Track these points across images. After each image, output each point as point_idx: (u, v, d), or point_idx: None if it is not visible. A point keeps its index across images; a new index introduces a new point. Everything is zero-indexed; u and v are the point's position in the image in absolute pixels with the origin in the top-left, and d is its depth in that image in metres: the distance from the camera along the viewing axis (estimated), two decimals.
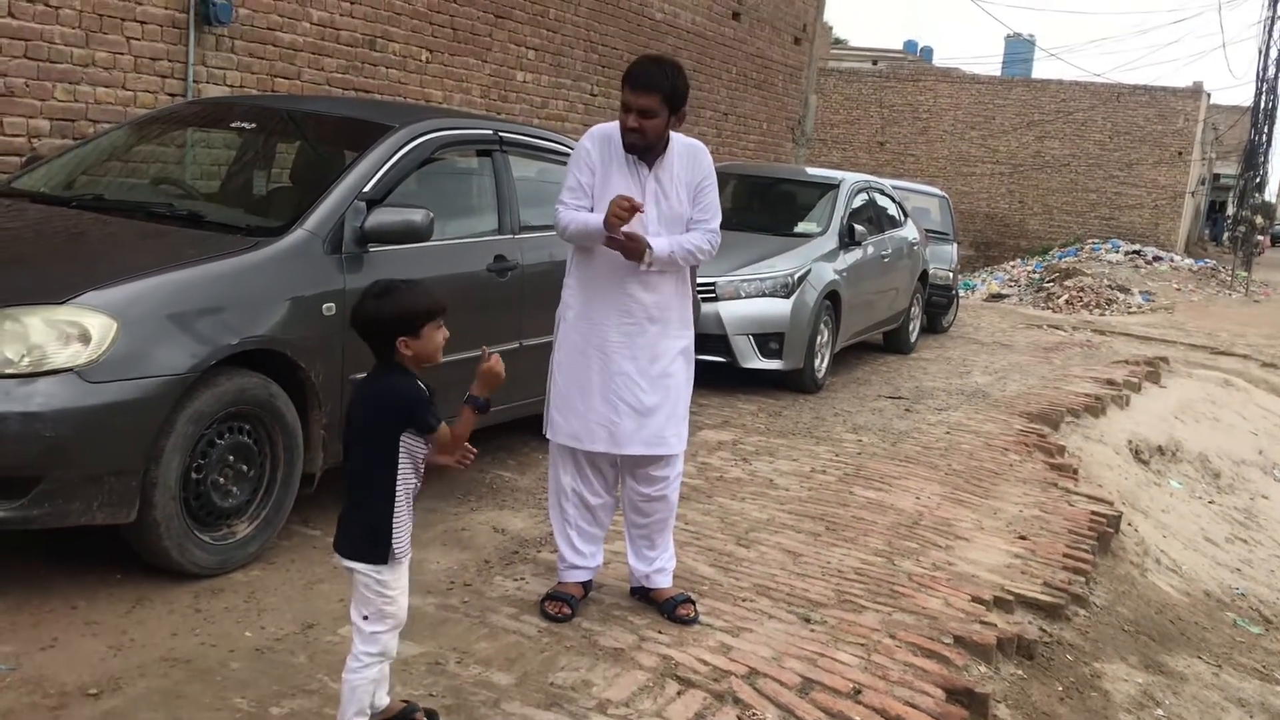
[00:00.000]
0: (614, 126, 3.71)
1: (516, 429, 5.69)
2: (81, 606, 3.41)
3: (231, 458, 3.74)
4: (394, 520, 2.66)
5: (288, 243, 4.00)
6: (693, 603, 3.84)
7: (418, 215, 4.21)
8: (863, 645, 3.74)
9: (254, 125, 5.06)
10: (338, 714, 2.74)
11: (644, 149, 3.63)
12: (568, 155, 5.67)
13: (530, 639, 3.51)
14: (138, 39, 6.74)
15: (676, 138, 3.72)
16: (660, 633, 3.66)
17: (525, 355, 5.07)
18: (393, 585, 2.69)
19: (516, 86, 10.15)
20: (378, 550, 2.66)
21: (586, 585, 3.88)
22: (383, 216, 4.20)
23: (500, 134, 5.22)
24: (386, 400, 2.67)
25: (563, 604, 3.73)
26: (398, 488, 2.67)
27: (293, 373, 3.93)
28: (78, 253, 3.94)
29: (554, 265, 5.26)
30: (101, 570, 3.65)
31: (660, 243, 3.62)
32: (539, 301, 5.10)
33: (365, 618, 2.69)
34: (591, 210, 3.66)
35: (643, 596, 3.89)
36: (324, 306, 4.00)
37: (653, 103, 3.53)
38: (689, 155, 3.73)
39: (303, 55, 7.85)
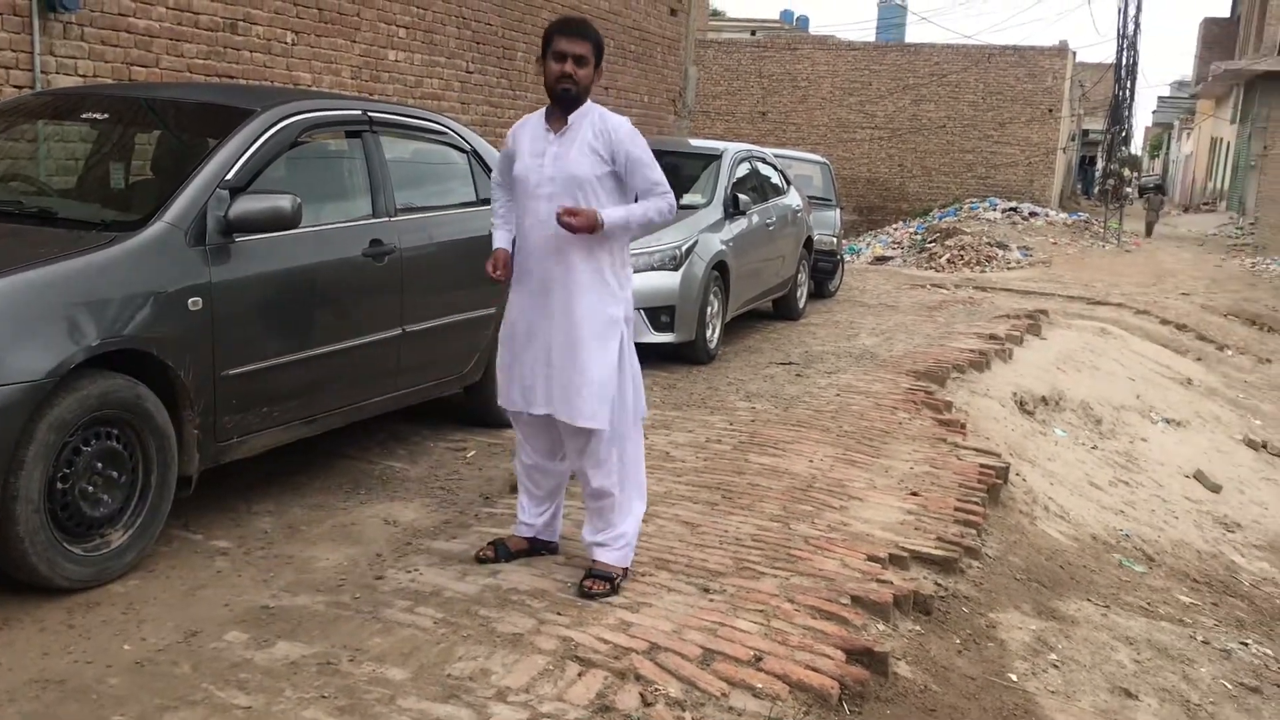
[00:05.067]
0: (534, 114, 3.89)
1: (407, 417, 5.57)
2: None
3: (100, 464, 3.56)
4: None
5: (146, 236, 3.81)
6: (611, 583, 3.77)
7: (284, 201, 4.05)
8: (762, 611, 3.74)
9: (108, 115, 4.81)
10: None
11: (574, 99, 3.73)
12: (442, 134, 5.57)
13: (425, 631, 3.42)
14: None
15: (595, 109, 3.79)
16: (559, 614, 3.60)
17: (409, 341, 4.95)
18: None
19: (388, 66, 9.91)
20: None
21: (532, 541, 4.02)
22: (247, 204, 4.04)
23: (370, 114, 5.06)
24: None
25: (491, 547, 3.96)
26: None
27: (161, 372, 3.76)
28: None
29: (436, 247, 5.14)
30: None
31: (615, 214, 3.69)
32: (421, 286, 4.99)
33: None
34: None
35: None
36: (190, 301, 3.83)
37: (586, 50, 3.71)
38: (600, 121, 3.76)
39: (160, 41, 7.52)
